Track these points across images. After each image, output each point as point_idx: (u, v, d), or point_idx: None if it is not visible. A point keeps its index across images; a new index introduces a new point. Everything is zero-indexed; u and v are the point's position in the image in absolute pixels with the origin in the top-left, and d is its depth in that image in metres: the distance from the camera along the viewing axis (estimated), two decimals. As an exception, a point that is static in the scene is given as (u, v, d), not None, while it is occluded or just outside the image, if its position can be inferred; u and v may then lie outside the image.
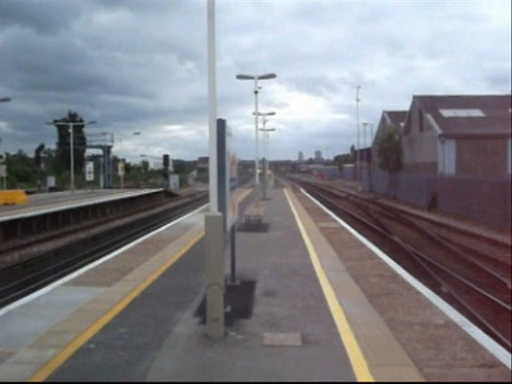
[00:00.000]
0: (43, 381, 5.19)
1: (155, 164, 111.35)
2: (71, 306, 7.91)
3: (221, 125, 6.76)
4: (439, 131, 38.10)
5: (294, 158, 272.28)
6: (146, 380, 5.17)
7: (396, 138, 48.66)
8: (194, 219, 21.33)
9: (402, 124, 49.07)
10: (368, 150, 67.07)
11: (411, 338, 6.25)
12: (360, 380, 5.10)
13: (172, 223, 20.99)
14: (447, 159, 37.47)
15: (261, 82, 27.96)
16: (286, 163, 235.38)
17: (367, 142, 70.58)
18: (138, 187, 68.66)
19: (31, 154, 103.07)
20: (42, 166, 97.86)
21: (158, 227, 21.05)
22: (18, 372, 5.36)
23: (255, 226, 17.83)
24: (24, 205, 32.96)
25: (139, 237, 17.97)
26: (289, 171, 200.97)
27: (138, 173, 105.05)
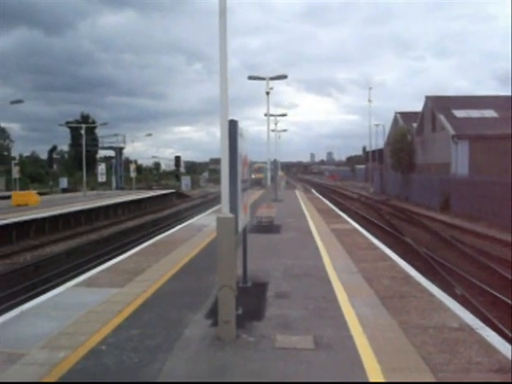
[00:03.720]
0: (51, 381, 5.17)
1: (167, 165, 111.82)
2: (83, 307, 7.91)
3: (233, 126, 6.71)
4: (452, 132, 37.82)
5: (305, 159, 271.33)
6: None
7: (408, 139, 48.37)
8: (205, 220, 21.31)
9: (415, 125, 48.78)
10: (380, 151, 66.71)
11: (425, 342, 6.16)
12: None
13: (183, 224, 20.99)
14: (460, 160, 37.17)
15: (270, 83, 27.89)
16: (298, 164, 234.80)
17: (379, 143, 70.24)
18: (150, 188, 68.86)
19: (44, 156, 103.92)
20: (55, 167, 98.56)
21: (170, 228, 21.06)
22: (29, 373, 5.35)
23: (267, 227, 17.76)
24: (37, 206, 33.14)
25: (151, 238, 17.98)
26: (300, 172, 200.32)
27: (149, 174, 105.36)
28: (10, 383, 5.11)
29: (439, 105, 42.21)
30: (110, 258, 14.01)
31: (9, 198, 38.05)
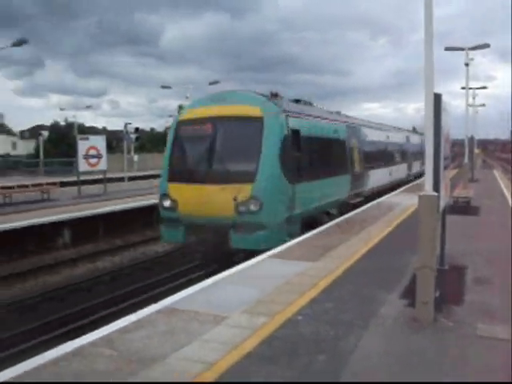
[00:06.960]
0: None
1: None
2: (278, 278, 8.22)
3: (437, 100, 6.38)
4: None
5: (504, 136, 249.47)
6: (355, 353, 5.15)
7: None
8: (396, 199, 20.81)
9: None
10: None
11: None
12: None
13: (374, 202, 20.70)
14: None
15: (470, 54, 26.08)
16: (495, 142, 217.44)
17: None
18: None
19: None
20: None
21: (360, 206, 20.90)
22: (232, 335, 5.71)
23: (464, 208, 16.83)
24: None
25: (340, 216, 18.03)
26: (498, 150, 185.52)
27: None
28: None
29: None
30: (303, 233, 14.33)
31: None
